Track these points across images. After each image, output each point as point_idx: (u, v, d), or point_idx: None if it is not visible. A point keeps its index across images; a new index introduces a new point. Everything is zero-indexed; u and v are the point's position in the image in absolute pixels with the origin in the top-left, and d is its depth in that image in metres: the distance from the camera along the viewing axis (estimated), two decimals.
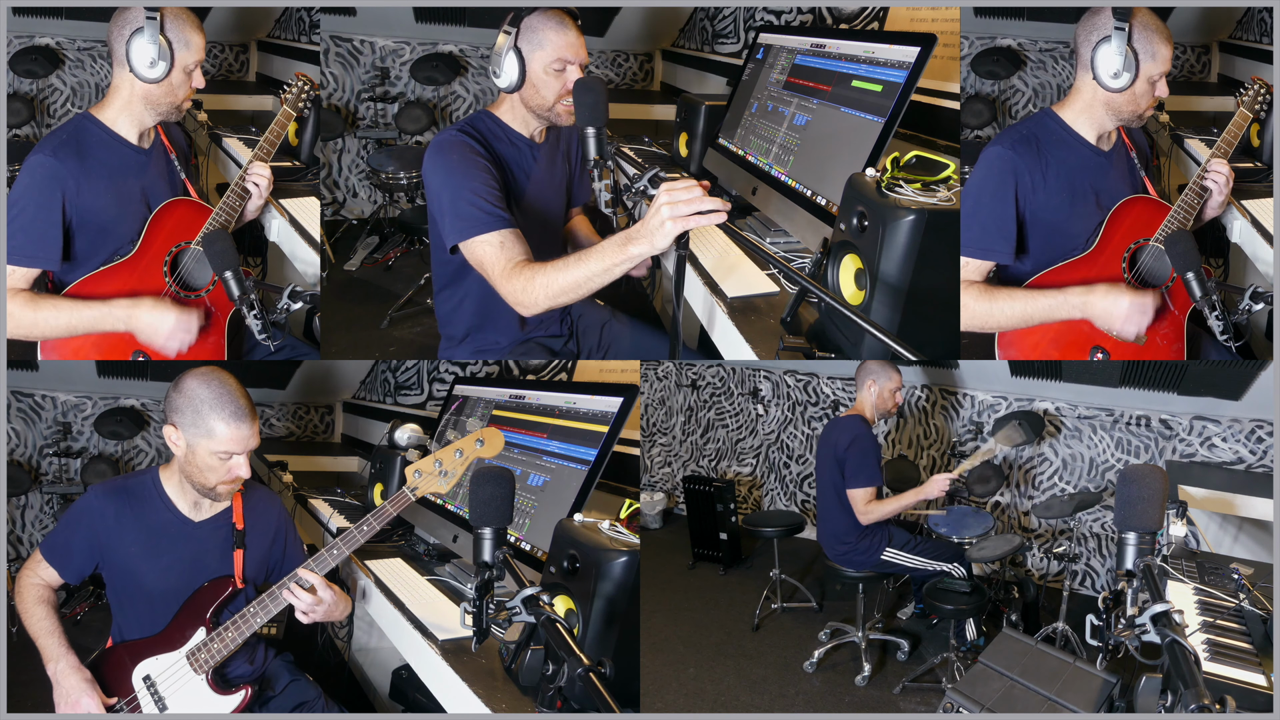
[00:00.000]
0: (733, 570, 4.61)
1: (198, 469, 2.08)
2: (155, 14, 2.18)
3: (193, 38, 2.25)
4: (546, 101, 2.22)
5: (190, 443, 2.06)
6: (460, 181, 2.13)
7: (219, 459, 2.06)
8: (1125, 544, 1.61)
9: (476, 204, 2.10)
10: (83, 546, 2.18)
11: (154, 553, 2.15)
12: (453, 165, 2.16)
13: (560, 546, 2.08)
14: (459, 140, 2.21)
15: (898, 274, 1.91)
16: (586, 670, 1.41)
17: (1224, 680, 1.98)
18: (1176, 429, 3.69)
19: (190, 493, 2.17)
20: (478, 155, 2.18)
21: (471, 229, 2.09)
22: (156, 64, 2.21)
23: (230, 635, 2.12)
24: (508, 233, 2.08)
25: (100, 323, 2.26)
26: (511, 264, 2.04)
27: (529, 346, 2.44)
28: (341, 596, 2.25)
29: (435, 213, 2.22)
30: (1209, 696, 1.23)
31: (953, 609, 3.21)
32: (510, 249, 2.06)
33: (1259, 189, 2.64)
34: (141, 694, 2.11)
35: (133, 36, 2.20)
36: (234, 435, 2.05)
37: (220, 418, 2.03)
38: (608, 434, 2.41)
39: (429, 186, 2.22)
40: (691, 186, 1.70)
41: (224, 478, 2.09)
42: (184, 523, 2.18)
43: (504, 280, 2.04)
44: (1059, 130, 2.27)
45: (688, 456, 5.53)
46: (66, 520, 2.21)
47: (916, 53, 2.32)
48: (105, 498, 2.17)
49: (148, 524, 2.16)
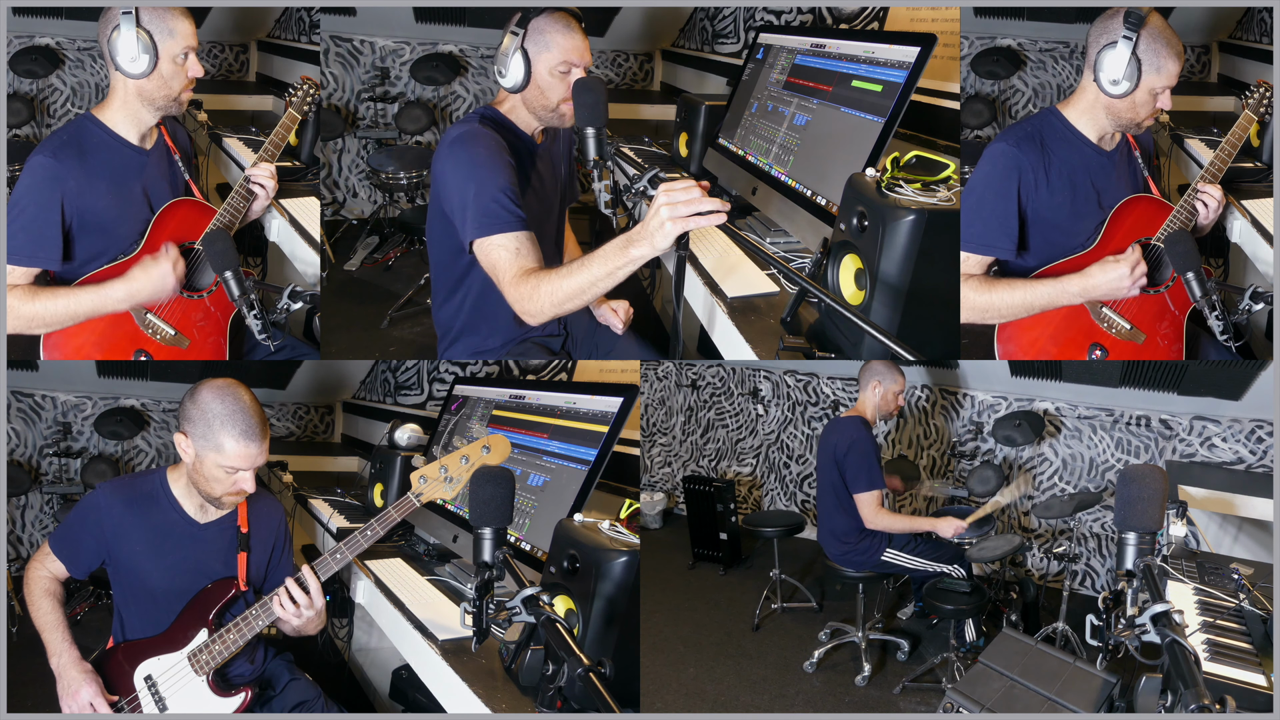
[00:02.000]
0: (733, 570, 4.61)
1: (204, 478, 2.10)
2: (131, 9, 2.17)
3: (177, 25, 2.21)
4: (550, 103, 2.21)
5: (199, 453, 2.07)
6: (487, 175, 2.07)
7: (225, 472, 2.07)
8: (1125, 544, 1.61)
9: (501, 201, 2.04)
10: (90, 543, 2.19)
11: (159, 553, 2.16)
12: (479, 159, 2.09)
13: (560, 546, 2.08)
14: (483, 132, 2.15)
15: (898, 274, 1.91)
16: (586, 670, 1.41)
17: (1224, 680, 1.98)
18: (1176, 429, 3.69)
19: (197, 495, 2.18)
20: (504, 150, 2.13)
21: (493, 226, 2.03)
22: (139, 58, 2.20)
23: (232, 637, 2.12)
24: (524, 236, 2.04)
25: (101, 306, 2.26)
26: (522, 270, 1.99)
27: (525, 346, 2.44)
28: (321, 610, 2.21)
29: (451, 208, 2.12)
30: (1209, 696, 1.23)
31: (953, 609, 3.21)
32: (524, 255, 2.02)
33: (1259, 189, 2.64)
34: (142, 694, 2.11)
35: (113, 34, 2.19)
36: (242, 453, 2.05)
37: (230, 435, 2.04)
38: (608, 434, 2.42)
39: (445, 180, 2.13)
40: (690, 187, 1.69)
41: (229, 490, 2.10)
42: (190, 524, 2.19)
43: (512, 286, 2.00)
44: (1062, 129, 2.27)
45: (688, 456, 5.53)
46: (75, 515, 2.22)
47: (916, 53, 2.32)
48: (113, 495, 2.18)
49: (154, 524, 2.17)
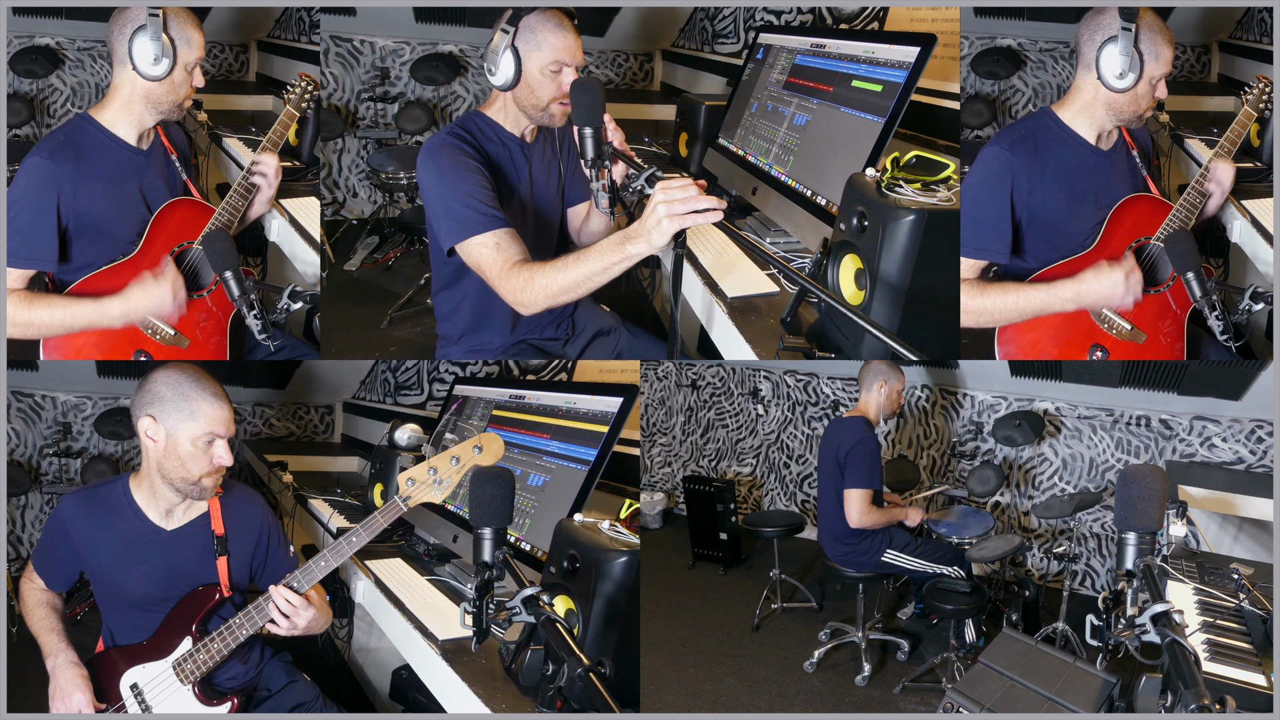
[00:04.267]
0: (733, 570, 4.61)
1: (180, 461, 2.03)
2: (158, 12, 2.19)
3: (193, 35, 2.25)
4: (541, 102, 2.22)
5: (171, 431, 2.02)
6: (453, 184, 2.14)
7: (202, 445, 2.02)
8: (1125, 544, 1.61)
9: (470, 205, 2.11)
10: (62, 556, 2.17)
11: (127, 562, 2.12)
12: (444, 169, 2.17)
13: (560, 546, 2.08)
14: (448, 143, 2.22)
15: (898, 274, 1.91)
16: (586, 670, 1.41)
17: (1224, 680, 1.98)
18: (1176, 429, 3.69)
19: (161, 500, 2.12)
20: (468, 157, 2.19)
21: (467, 230, 2.10)
22: (160, 61, 2.21)
23: (216, 646, 2.09)
24: (503, 232, 2.09)
25: (96, 321, 2.26)
26: (509, 264, 2.04)
27: (522, 348, 2.44)
28: (323, 610, 2.21)
29: (431, 217, 2.23)
30: (1209, 696, 1.23)
31: (953, 609, 3.21)
32: (506, 249, 2.07)
33: (1259, 189, 2.64)
34: (129, 702, 2.10)
35: (135, 35, 2.20)
36: (218, 415, 2.03)
37: (203, 398, 2.02)
38: (608, 434, 2.41)
39: (423, 191, 2.23)
40: (687, 185, 1.72)
41: (208, 468, 2.04)
42: (155, 531, 2.13)
43: (502, 280, 2.05)
44: (1057, 129, 2.27)
45: (688, 456, 5.53)
46: (45, 531, 2.20)
47: (916, 53, 2.32)
48: (77, 506, 2.14)
49: (119, 533, 2.12)
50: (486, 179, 2.17)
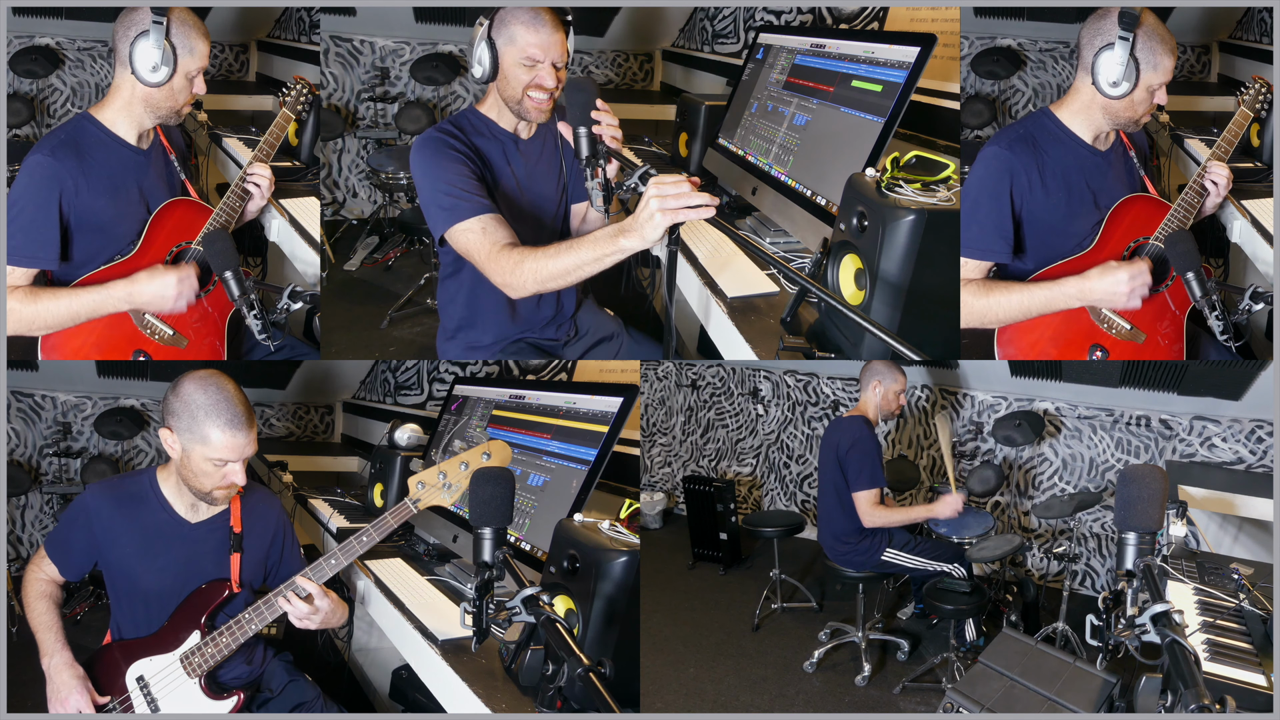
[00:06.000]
0: (733, 570, 4.61)
1: (193, 474, 2.08)
2: (162, 18, 2.18)
3: (198, 44, 2.25)
4: (515, 95, 2.24)
5: (185, 448, 2.06)
6: (435, 175, 2.18)
7: (214, 465, 2.05)
8: (1125, 544, 1.61)
9: (452, 193, 2.15)
10: (81, 544, 2.18)
11: (149, 553, 2.15)
12: (427, 162, 2.22)
13: (560, 546, 2.08)
14: (432, 137, 2.26)
15: (898, 274, 1.91)
16: (586, 670, 1.41)
17: (1224, 680, 1.98)
18: (1176, 429, 3.69)
19: (188, 494, 2.16)
20: (450, 149, 2.23)
21: (452, 217, 2.14)
22: (159, 68, 2.21)
23: (224, 640, 2.11)
24: (488, 217, 2.12)
25: (101, 306, 2.26)
26: (497, 246, 2.07)
27: (521, 347, 2.45)
28: (338, 603, 2.23)
29: (423, 209, 2.28)
30: (1209, 696, 1.23)
31: (953, 609, 3.21)
32: (493, 233, 2.10)
33: (1259, 189, 2.64)
34: (134, 695, 2.10)
35: (138, 39, 2.19)
36: (229, 443, 2.03)
37: (216, 425, 2.02)
38: (608, 434, 2.41)
39: (416, 186, 2.29)
40: (680, 181, 1.76)
41: (219, 484, 2.08)
42: (180, 524, 2.17)
43: (490, 261, 2.08)
44: (1056, 129, 2.27)
45: (688, 456, 5.53)
46: (66, 517, 2.21)
47: (916, 53, 2.32)
48: (102, 496, 2.17)
49: (144, 524, 2.15)
50: (472, 169, 2.21)
